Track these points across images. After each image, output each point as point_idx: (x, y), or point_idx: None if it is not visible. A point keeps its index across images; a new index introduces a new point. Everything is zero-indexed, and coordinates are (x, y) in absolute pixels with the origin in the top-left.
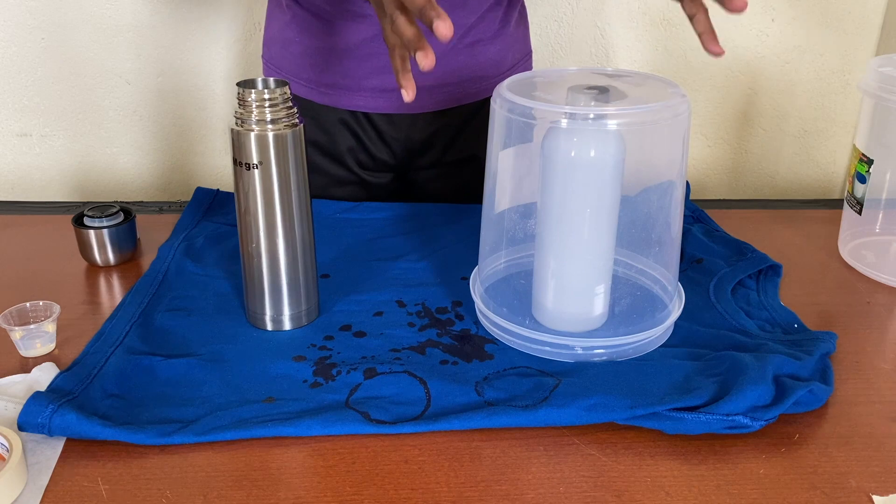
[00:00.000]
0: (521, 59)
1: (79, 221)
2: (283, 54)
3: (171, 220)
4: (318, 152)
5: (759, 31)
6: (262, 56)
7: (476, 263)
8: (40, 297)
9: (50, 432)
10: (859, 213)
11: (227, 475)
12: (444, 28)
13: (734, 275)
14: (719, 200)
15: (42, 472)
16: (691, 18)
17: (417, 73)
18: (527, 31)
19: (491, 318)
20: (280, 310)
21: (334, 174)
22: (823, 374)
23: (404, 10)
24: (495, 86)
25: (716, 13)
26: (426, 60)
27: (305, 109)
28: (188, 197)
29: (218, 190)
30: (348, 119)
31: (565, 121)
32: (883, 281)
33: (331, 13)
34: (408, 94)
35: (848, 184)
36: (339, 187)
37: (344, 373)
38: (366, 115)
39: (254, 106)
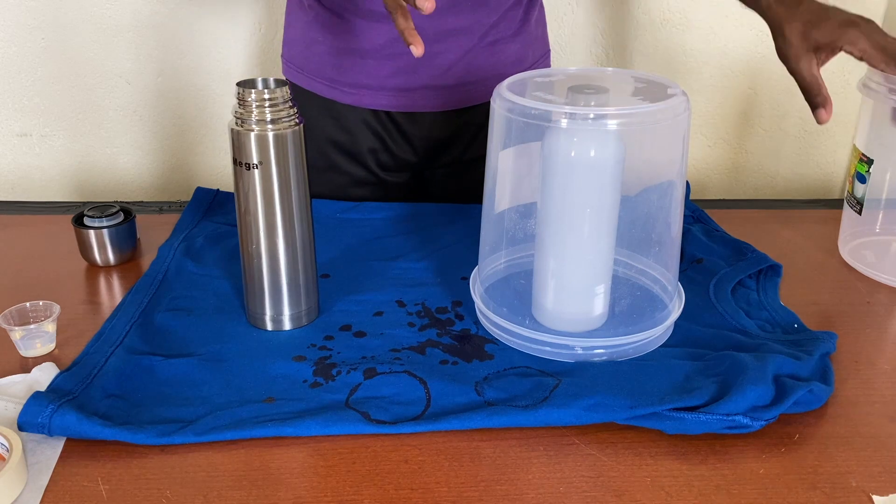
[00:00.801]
0: (541, 57)
1: (79, 221)
2: (305, 54)
3: (171, 220)
4: (338, 152)
5: (759, 31)
6: (282, 55)
7: (476, 263)
8: (40, 297)
9: (50, 432)
10: (859, 213)
11: (227, 475)
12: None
13: (734, 275)
14: (719, 200)
15: (42, 472)
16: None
17: (441, 72)
18: (545, 29)
19: (491, 318)
20: (280, 310)
21: (354, 174)
22: (823, 374)
23: None
24: None
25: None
26: (427, 3)
27: (328, 109)
28: (188, 197)
29: (218, 190)
30: (370, 119)
31: (565, 121)
32: (883, 281)
33: (354, 13)
34: (417, 49)
35: (848, 184)
36: (357, 187)
37: (344, 373)
38: (388, 114)
39: (254, 106)
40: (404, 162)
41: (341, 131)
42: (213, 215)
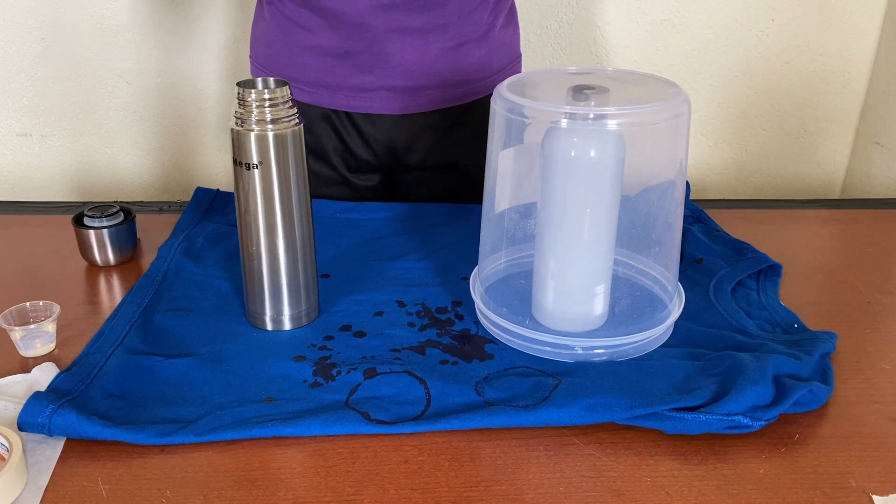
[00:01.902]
0: (509, 64)
1: (79, 221)
2: (267, 53)
3: (171, 220)
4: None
5: (759, 31)
6: (250, 56)
7: (476, 263)
8: (40, 297)
9: (50, 432)
10: None
11: (227, 475)
12: None
13: (734, 275)
14: (719, 200)
15: (42, 472)
16: None
17: (399, 74)
18: (516, 34)
19: (491, 318)
20: (280, 310)
21: (321, 173)
22: (823, 374)
23: None
24: (479, 90)
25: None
26: None
27: None
28: (188, 197)
29: (218, 190)
30: (332, 117)
31: (565, 121)
32: None
33: (311, 11)
34: None
35: None
36: (326, 187)
37: (344, 373)
38: (347, 114)
39: (254, 106)
40: (367, 163)
41: (305, 131)
42: (213, 215)
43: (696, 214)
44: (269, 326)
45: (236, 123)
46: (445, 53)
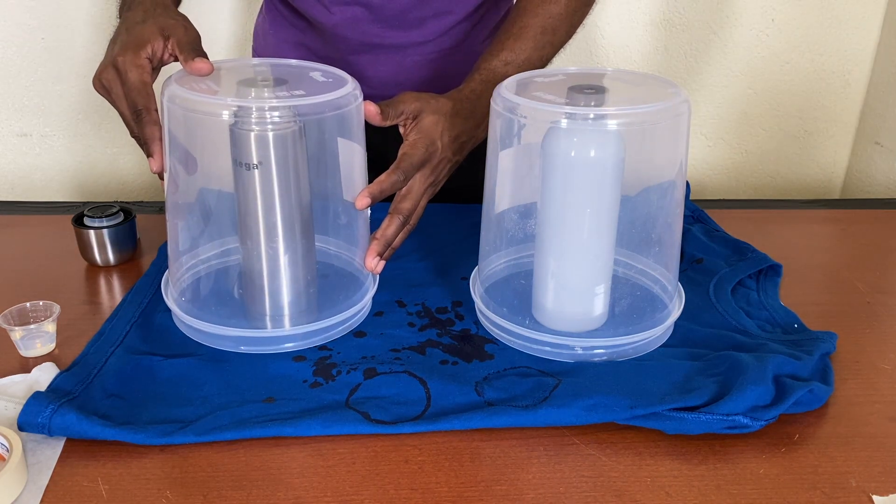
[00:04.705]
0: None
1: (79, 221)
2: (263, 45)
3: None
4: None
5: (759, 32)
6: (252, 46)
7: (476, 263)
8: (40, 297)
9: (50, 432)
10: None
11: (227, 475)
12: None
13: (734, 275)
14: (719, 200)
15: (42, 472)
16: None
17: (375, 83)
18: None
19: (491, 318)
20: (280, 310)
21: None
22: (823, 374)
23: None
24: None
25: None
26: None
27: None
28: None
29: (219, 190)
30: None
31: (565, 121)
32: None
33: (304, 7)
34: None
35: None
36: None
37: (344, 373)
38: None
39: (254, 106)
40: None
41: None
42: None
43: (696, 214)
44: (270, 326)
45: (236, 124)
46: (422, 66)
